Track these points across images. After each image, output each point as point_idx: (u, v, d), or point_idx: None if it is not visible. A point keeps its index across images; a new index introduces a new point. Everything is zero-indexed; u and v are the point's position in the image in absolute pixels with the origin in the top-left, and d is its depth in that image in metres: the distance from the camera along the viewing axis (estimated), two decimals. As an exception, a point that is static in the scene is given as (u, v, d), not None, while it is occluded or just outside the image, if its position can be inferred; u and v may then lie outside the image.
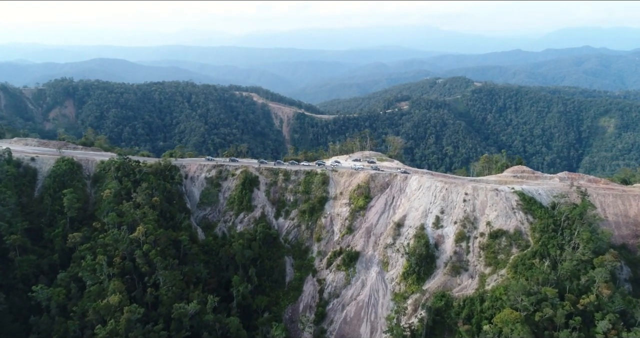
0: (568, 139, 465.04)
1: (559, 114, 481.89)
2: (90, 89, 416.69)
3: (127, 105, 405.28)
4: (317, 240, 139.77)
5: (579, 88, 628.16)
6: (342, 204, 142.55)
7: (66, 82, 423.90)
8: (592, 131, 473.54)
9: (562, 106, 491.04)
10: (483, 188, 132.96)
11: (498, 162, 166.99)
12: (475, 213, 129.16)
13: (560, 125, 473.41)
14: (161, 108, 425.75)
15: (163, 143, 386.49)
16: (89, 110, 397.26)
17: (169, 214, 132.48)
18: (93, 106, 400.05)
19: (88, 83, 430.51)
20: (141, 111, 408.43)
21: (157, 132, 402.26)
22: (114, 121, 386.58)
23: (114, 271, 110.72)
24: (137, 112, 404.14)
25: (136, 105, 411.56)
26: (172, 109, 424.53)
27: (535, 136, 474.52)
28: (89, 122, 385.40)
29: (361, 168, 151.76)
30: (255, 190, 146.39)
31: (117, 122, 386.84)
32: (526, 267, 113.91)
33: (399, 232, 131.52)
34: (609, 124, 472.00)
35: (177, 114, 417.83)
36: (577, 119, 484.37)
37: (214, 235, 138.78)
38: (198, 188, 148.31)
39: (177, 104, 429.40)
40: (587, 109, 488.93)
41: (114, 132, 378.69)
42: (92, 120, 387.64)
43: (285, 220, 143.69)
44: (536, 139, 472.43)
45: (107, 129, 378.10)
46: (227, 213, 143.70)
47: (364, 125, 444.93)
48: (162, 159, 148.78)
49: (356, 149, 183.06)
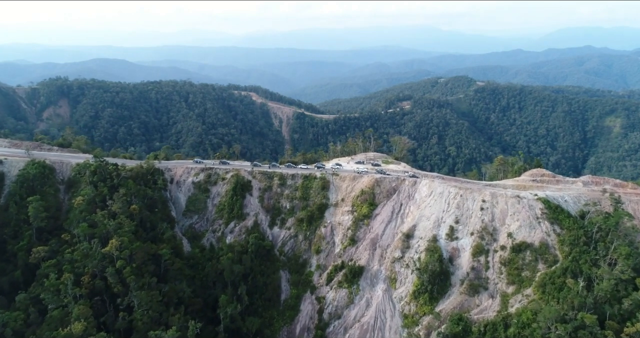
0: (573, 139, 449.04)
1: (563, 114, 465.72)
2: (85, 88, 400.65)
3: (122, 105, 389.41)
4: (316, 252, 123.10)
5: (582, 87, 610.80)
6: (344, 212, 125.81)
7: (60, 81, 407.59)
8: (598, 131, 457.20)
9: (567, 106, 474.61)
10: (502, 194, 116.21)
11: (514, 165, 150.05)
12: (494, 223, 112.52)
13: (565, 125, 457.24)
14: (158, 108, 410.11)
15: (159, 143, 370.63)
16: (83, 110, 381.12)
17: (150, 224, 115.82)
18: (88, 106, 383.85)
19: (83, 82, 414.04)
20: (137, 111, 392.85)
21: (154, 132, 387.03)
22: (109, 121, 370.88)
23: (81, 292, 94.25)
24: (133, 112, 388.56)
25: (132, 105, 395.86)
26: (169, 108, 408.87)
27: (539, 136, 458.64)
28: (84, 122, 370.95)
29: (365, 171, 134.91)
30: (247, 196, 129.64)
31: (112, 122, 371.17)
32: (556, 286, 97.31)
33: (408, 244, 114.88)
34: (614, 124, 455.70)
35: (174, 114, 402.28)
36: (582, 119, 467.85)
37: (201, 247, 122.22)
38: (184, 194, 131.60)
39: (174, 103, 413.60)
40: (592, 109, 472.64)
41: (109, 132, 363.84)
42: (87, 120, 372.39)
43: (280, 230, 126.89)
44: (540, 139, 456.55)
45: (102, 129, 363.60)
46: (216, 222, 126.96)
47: (365, 125, 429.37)
48: (145, 161, 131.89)
49: (359, 150, 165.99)
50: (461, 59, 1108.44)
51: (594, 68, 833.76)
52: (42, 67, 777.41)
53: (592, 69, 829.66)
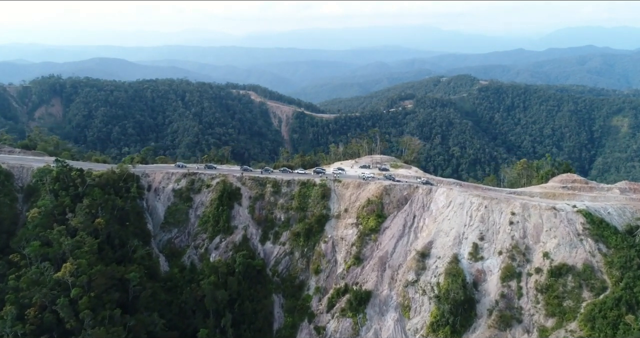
0: (580, 139, 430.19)
1: (569, 113, 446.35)
2: (78, 87, 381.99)
3: (117, 104, 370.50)
4: (315, 273, 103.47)
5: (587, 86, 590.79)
6: (348, 225, 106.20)
7: (53, 80, 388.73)
8: (605, 131, 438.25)
9: (573, 105, 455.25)
10: (535, 206, 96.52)
11: (540, 169, 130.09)
12: (526, 241, 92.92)
13: (571, 124, 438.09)
14: (153, 107, 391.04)
15: (155, 143, 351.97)
16: (76, 109, 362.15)
17: (119, 241, 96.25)
18: (81, 104, 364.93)
19: (76, 80, 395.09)
20: (132, 110, 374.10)
21: (149, 132, 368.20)
22: (102, 120, 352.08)
23: (24, 329, 74.85)
24: (127, 111, 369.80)
25: (127, 104, 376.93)
26: (165, 107, 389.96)
27: (545, 136, 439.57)
28: (76, 122, 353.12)
29: (372, 177, 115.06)
30: (235, 206, 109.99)
31: (105, 122, 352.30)
32: (609, 322, 77.68)
33: (423, 265, 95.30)
34: (622, 124, 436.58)
35: (170, 113, 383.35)
36: (589, 118, 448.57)
37: (180, 266, 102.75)
38: (163, 203, 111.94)
39: (171, 102, 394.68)
40: (598, 108, 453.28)
41: (103, 132, 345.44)
42: (80, 119, 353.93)
43: (273, 246, 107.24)
44: (546, 139, 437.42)
45: (95, 129, 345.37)
46: (199, 236, 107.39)
47: (366, 124, 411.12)
48: (118, 165, 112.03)
49: (363, 152, 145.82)
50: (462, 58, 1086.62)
51: (597, 67, 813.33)
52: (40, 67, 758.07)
53: (594, 68, 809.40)
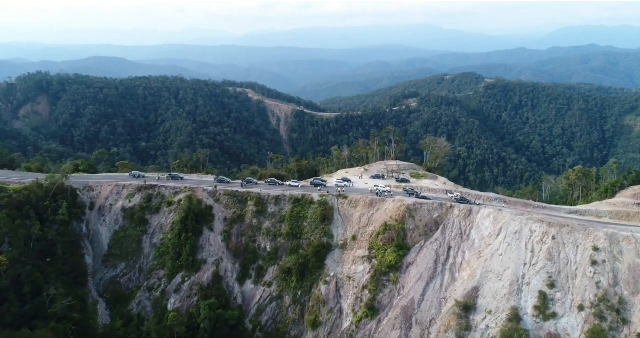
0: (591, 138, 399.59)
1: (580, 112, 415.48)
2: (66, 84, 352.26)
3: (106, 102, 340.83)
4: (312, 326, 72.25)
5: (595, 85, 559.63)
6: (357, 259, 75.04)
7: (40, 76, 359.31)
8: (617, 130, 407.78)
9: (584, 103, 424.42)
10: (629, 238, 65.32)
11: (601, 179, 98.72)
12: (619, 290, 61.88)
13: (582, 124, 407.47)
14: (145, 105, 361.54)
15: (146, 144, 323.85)
16: (63, 107, 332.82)
17: (33, 288, 65.56)
18: (68, 102, 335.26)
19: (65, 77, 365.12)
20: (122, 108, 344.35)
21: (140, 132, 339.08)
22: (90, 119, 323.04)
23: None
24: (117, 109, 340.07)
25: (117, 102, 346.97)
26: (158, 105, 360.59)
27: (555, 136, 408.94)
28: (63, 121, 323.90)
29: (388, 192, 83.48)
30: (205, 232, 78.79)
31: (94, 121, 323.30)
32: None
33: (467, 323, 64.23)
34: (635, 123, 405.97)
35: (162, 111, 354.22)
36: (601, 117, 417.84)
37: (127, 316, 71.78)
38: (109, 227, 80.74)
39: (163, 100, 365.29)
40: (610, 107, 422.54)
41: (91, 132, 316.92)
42: (67, 118, 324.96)
43: (256, 287, 75.98)
44: (556, 138, 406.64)
45: (83, 128, 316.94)
46: (155, 273, 76.22)
47: (368, 123, 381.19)
48: (47, 177, 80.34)
49: (373, 156, 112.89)
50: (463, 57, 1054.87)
51: (600, 66, 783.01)
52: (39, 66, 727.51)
53: (598, 67, 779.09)
